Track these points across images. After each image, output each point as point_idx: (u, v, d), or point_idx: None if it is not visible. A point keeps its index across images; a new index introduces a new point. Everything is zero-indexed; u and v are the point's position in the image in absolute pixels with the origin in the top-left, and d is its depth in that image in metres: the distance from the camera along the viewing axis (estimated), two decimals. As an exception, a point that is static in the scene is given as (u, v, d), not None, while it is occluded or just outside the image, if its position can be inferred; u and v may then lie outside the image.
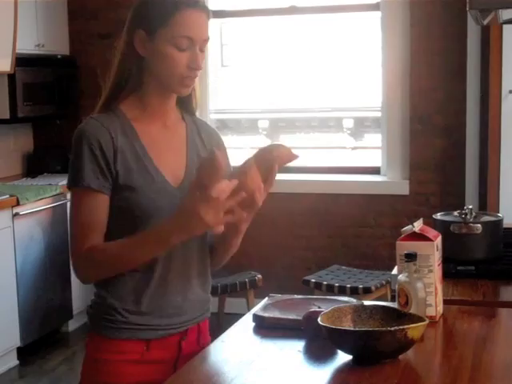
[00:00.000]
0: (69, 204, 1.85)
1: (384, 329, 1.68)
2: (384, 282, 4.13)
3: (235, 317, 2.03)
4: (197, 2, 1.77)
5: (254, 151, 1.79)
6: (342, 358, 1.73)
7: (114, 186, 1.78)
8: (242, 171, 1.71)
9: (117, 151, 1.78)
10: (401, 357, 1.71)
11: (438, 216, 2.55)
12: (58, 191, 4.70)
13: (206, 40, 1.80)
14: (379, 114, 5.17)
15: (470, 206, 2.52)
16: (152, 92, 1.83)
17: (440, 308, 2.01)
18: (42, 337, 4.65)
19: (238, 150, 5.56)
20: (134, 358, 1.82)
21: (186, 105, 1.94)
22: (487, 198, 4.45)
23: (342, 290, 4.04)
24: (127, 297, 1.80)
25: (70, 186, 1.81)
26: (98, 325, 1.84)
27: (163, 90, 1.83)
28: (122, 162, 1.78)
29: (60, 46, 5.32)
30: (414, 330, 1.67)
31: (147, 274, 1.81)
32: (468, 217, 2.48)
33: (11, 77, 4.74)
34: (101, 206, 1.77)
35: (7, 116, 4.82)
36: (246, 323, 2.00)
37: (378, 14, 5.01)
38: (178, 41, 1.75)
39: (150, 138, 1.83)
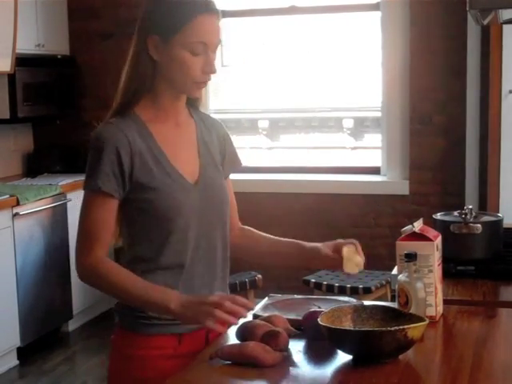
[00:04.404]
0: (69, 204, 1.91)
1: (384, 329, 1.68)
2: (384, 282, 4.13)
3: (235, 317, 2.02)
4: (210, 7, 1.81)
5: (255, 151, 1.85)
6: (342, 357, 1.73)
7: (132, 190, 1.82)
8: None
9: (135, 155, 1.81)
10: (401, 357, 1.71)
11: (438, 216, 2.55)
12: (57, 191, 4.70)
13: (219, 43, 1.83)
14: (379, 114, 5.17)
15: (470, 206, 2.52)
16: (164, 93, 1.86)
17: (440, 308, 2.01)
18: (41, 337, 4.65)
19: (238, 150, 5.56)
20: (168, 353, 1.86)
21: (191, 100, 1.96)
22: (487, 198, 4.45)
23: (341, 290, 4.03)
24: None
25: (84, 188, 1.85)
26: (130, 322, 1.88)
27: (176, 91, 1.86)
28: (141, 165, 1.82)
29: (60, 46, 5.32)
30: (414, 330, 1.67)
31: (176, 271, 1.86)
32: (468, 217, 2.48)
33: (11, 77, 4.74)
34: (110, 209, 1.81)
35: (7, 116, 4.82)
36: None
37: (378, 14, 5.01)
38: (193, 46, 1.79)
39: (165, 137, 1.87)
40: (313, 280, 4.20)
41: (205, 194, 1.88)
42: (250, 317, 2.01)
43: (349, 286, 4.07)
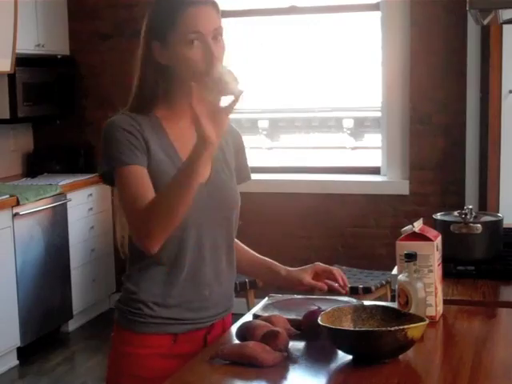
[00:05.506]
0: (69, 204, 1.88)
1: (384, 329, 1.68)
2: (384, 282, 4.12)
3: (235, 317, 2.03)
4: (197, 1, 1.80)
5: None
6: (342, 357, 1.73)
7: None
8: None
9: (147, 142, 1.82)
10: (401, 357, 1.71)
11: (438, 216, 2.55)
12: (57, 191, 4.70)
13: (218, 28, 1.82)
14: (379, 114, 5.17)
15: (470, 206, 2.52)
16: (177, 93, 1.87)
17: (440, 308, 2.01)
18: (41, 337, 4.65)
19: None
20: (162, 352, 1.86)
21: None
22: (487, 198, 4.45)
23: (341, 290, 4.03)
24: (156, 290, 1.85)
25: (109, 172, 1.81)
26: (127, 319, 1.88)
27: (188, 89, 1.83)
28: (152, 154, 1.82)
29: (60, 46, 5.32)
30: (413, 329, 1.67)
31: (177, 268, 1.86)
32: (468, 217, 2.48)
33: (11, 77, 4.74)
34: (144, 176, 1.79)
35: (7, 116, 4.82)
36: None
37: (378, 14, 5.01)
38: (188, 38, 1.79)
39: (179, 135, 1.87)
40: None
41: (213, 195, 1.88)
42: (249, 317, 2.01)
43: (349, 286, 4.05)
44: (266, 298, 2.15)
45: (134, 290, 1.87)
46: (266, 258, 2.13)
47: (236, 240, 2.06)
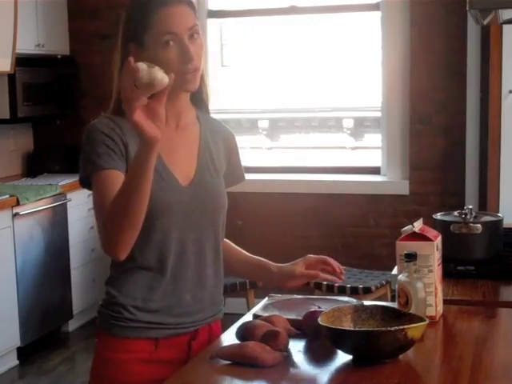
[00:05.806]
0: (69, 204, 1.85)
1: (384, 329, 1.68)
2: (384, 282, 4.12)
3: (235, 317, 2.03)
4: (170, 0, 1.77)
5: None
6: (342, 357, 1.73)
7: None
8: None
9: (127, 146, 1.78)
10: (401, 357, 1.71)
11: (438, 216, 2.55)
12: (57, 191, 4.70)
13: (193, 27, 1.78)
14: (379, 114, 5.17)
15: (470, 206, 2.52)
16: None
17: (440, 308, 2.01)
18: (41, 337, 4.65)
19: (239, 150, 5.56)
20: (143, 357, 1.83)
21: (197, 101, 1.94)
22: (487, 198, 4.46)
23: (341, 290, 4.03)
24: (137, 294, 1.82)
25: (87, 176, 1.77)
26: (108, 323, 1.85)
27: (170, 91, 1.78)
28: (132, 158, 1.75)
29: (60, 46, 5.32)
30: (413, 329, 1.67)
31: (159, 273, 1.83)
32: (468, 217, 2.48)
33: (11, 77, 4.74)
34: (120, 181, 1.71)
35: (7, 116, 4.82)
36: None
37: (378, 14, 5.01)
38: (163, 39, 1.75)
39: (162, 138, 1.77)
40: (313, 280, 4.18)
41: (196, 197, 1.85)
42: (249, 317, 2.01)
43: (349, 286, 4.06)
44: (266, 298, 2.15)
45: (114, 293, 1.84)
46: (258, 257, 2.09)
47: (226, 240, 2.03)
